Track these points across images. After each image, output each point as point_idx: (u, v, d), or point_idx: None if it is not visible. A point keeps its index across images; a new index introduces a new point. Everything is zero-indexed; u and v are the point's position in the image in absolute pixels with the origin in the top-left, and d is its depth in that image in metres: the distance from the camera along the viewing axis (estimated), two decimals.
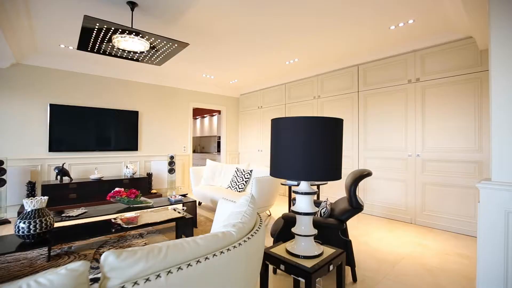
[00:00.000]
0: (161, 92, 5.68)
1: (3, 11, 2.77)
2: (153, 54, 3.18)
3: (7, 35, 3.20)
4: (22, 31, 3.32)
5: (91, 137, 4.76)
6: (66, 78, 4.59)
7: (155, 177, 5.38)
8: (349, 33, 3.40)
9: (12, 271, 2.33)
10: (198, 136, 9.60)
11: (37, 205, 2.01)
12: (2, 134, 4.07)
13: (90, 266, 0.74)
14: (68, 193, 4.15)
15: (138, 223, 2.59)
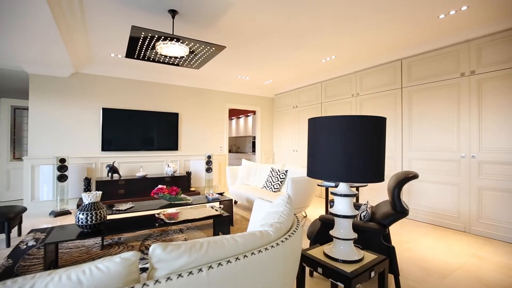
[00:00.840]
0: (199, 94, 5.93)
1: (67, 29, 3.13)
2: (192, 58, 3.33)
3: (69, 49, 3.61)
4: (80, 44, 3.71)
5: (137, 138, 5.16)
6: (116, 84, 5.04)
7: (193, 176, 5.63)
8: (392, 25, 3.19)
9: (73, 256, 2.62)
10: (233, 136, 9.82)
11: (93, 199, 2.24)
12: (63, 136, 4.60)
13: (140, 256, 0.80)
14: (117, 188, 4.54)
15: (178, 219, 2.73)
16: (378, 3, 2.70)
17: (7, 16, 2.63)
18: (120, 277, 0.75)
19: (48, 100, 4.50)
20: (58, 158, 4.16)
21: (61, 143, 4.58)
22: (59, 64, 4.26)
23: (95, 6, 2.75)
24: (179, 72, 5.25)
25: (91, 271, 0.71)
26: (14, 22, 2.77)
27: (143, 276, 0.89)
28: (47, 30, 2.95)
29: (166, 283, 0.78)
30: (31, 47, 3.51)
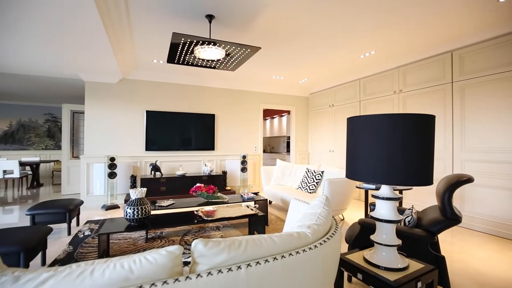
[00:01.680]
0: (234, 95, 6.06)
1: (116, 40, 3.43)
2: (228, 61, 3.41)
3: (117, 57, 3.95)
4: (127, 53, 4.04)
5: (177, 138, 5.45)
6: (158, 88, 5.38)
7: (229, 175, 5.77)
8: (442, 13, 2.93)
9: (122, 247, 2.86)
10: (267, 137, 9.85)
11: (139, 195, 2.42)
12: (113, 136, 5.04)
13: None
14: (159, 186, 4.84)
15: (215, 217, 2.82)
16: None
17: (67, 33, 2.97)
18: (165, 269, 0.80)
19: (100, 104, 4.97)
20: (109, 157, 4.57)
21: (111, 143, 5.03)
22: (109, 72, 4.68)
23: (141, 16, 2.97)
24: (215, 75, 5.42)
25: (140, 261, 0.77)
26: (72, 37, 3.11)
27: (185, 270, 0.94)
28: (100, 42, 3.27)
29: (207, 277, 0.82)
30: (86, 58, 3.91)
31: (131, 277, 0.74)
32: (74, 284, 0.70)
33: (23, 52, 3.67)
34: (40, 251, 2.36)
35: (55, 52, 3.69)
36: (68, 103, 6.81)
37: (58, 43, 3.36)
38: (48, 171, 8.53)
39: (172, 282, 0.76)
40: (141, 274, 0.76)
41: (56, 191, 6.38)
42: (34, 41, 3.29)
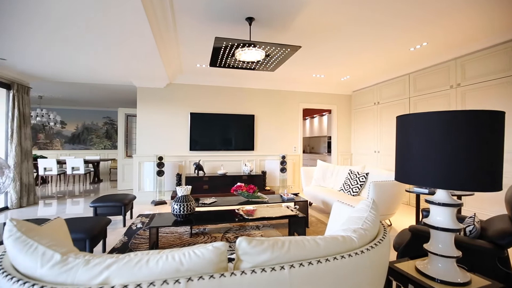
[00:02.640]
0: (273, 95, 6.07)
1: (164, 47, 3.69)
2: (268, 61, 3.43)
3: (165, 63, 4.24)
4: (173, 58, 4.31)
5: (218, 139, 5.65)
6: (201, 90, 5.64)
7: (268, 175, 5.79)
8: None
9: (169, 240, 3.06)
10: (307, 137, 9.66)
11: (185, 192, 2.57)
12: (161, 137, 5.43)
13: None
14: (202, 184, 5.08)
15: (255, 216, 2.86)
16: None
17: (123, 46, 3.29)
18: (212, 263, 0.83)
19: (150, 108, 5.40)
20: (157, 156, 4.94)
21: (159, 144, 5.42)
22: (158, 77, 5.06)
23: (186, 24, 3.15)
24: (254, 76, 5.49)
25: (189, 254, 0.81)
26: (127, 49, 3.43)
27: (230, 266, 0.97)
28: (150, 52, 3.55)
29: (251, 275, 0.83)
30: (138, 66, 4.28)
31: (181, 268, 0.79)
32: (133, 270, 0.77)
33: (88, 63, 4.16)
34: (101, 239, 2.65)
35: (113, 63, 4.10)
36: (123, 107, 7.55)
37: (115, 55, 3.74)
38: (106, 168, 9.53)
39: (218, 276, 0.79)
40: (190, 267, 0.80)
41: (113, 186, 7.10)
42: (95, 54, 3.70)
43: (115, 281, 0.75)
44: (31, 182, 5.03)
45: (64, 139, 9.31)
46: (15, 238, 0.86)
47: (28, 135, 5.00)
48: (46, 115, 7.26)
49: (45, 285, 0.73)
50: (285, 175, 5.51)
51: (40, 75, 4.93)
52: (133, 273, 0.77)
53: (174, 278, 0.77)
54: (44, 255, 0.81)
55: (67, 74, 4.85)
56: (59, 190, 6.54)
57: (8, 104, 4.71)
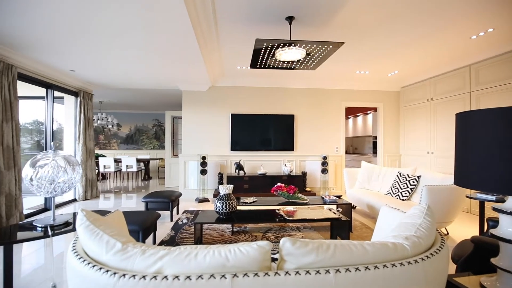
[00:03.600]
0: (313, 94, 5.93)
1: (206, 52, 3.87)
2: (309, 60, 3.36)
3: (208, 68, 4.44)
4: (215, 62, 4.49)
5: (257, 139, 5.72)
6: (241, 92, 5.77)
7: (309, 176, 5.68)
8: None
9: (212, 236, 3.19)
10: (350, 137, 9.24)
11: (227, 190, 2.65)
12: (204, 138, 5.69)
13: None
14: (242, 183, 5.18)
15: (296, 217, 2.82)
16: None
17: (171, 54, 3.52)
18: (256, 262, 0.84)
19: (194, 110, 5.69)
20: (201, 156, 5.18)
21: (202, 144, 5.69)
22: (201, 81, 5.31)
23: (227, 28, 3.25)
24: (294, 75, 5.43)
25: (235, 251, 0.84)
26: (174, 56, 3.67)
27: (273, 265, 0.97)
28: (195, 57, 3.75)
29: (295, 276, 0.82)
30: (183, 71, 4.55)
31: (227, 264, 0.82)
32: (183, 263, 0.82)
33: (140, 71, 4.55)
34: (152, 232, 2.87)
35: (161, 69, 4.43)
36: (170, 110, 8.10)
37: (164, 63, 4.03)
38: (155, 166, 10.30)
39: (263, 275, 0.80)
40: (235, 263, 0.83)
41: (160, 183, 7.65)
42: (147, 63, 4.03)
43: (168, 271, 0.81)
44: (93, 178, 5.67)
45: (120, 140, 10.31)
46: (85, 226, 0.98)
47: (92, 136, 5.66)
48: (105, 118, 8.13)
49: (109, 269, 0.81)
50: (326, 176, 5.34)
51: (101, 83, 5.54)
52: (183, 265, 0.82)
53: (221, 273, 0.80)
54: (108, 243, 0.91)
55: (122, 82, 5.38)
56: (115, 186, 7.27)
57: (76, 109, 5.39)
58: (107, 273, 0.80)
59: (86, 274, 0.84)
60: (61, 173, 1.41)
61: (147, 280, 0.77)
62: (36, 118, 7.06)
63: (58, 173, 1.41)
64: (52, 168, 1.40)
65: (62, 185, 1.42)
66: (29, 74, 4.10)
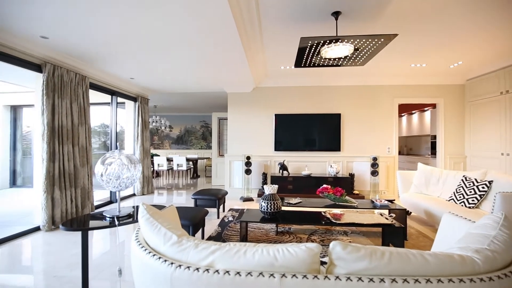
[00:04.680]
0: (362, 92, 5.61)
1: (251, 55, 3.94)
2: (357, 56, 3.19)
3: (252, 70, 4.52)
4: (259, 64, 4.54)
5: (301, 139, 5.62)
6: (285, 92, 5.75)
7: (356, 178, 5.38)
8: None
9: (256, 235, 3.24)
10: (404, 136, 8.50)
11: (272, 190, 2.67)
12: (248, 138, 5.81)
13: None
14: (286, 184, 5.15)
15: (343, 220, 2.70)
16: None
17: (216, 57, 3.68)
18: (305, 263, 0.83)
19: (238, 111, 5.85)
20: (245, 156, 5.30)
21: (247, 144, 5.81)
22: (245, 83, 5.43)
23: (271, 29, 3.26)
24: (340, 73, 5.21)
25: (283, 251, 0.84)
26: (220, 60, 3.82)
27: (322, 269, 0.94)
28: (240, 61, 3.85)
29: (346, 282, 0.79)
30: (229, 75, 4.71)
31: (276, 264, 0.82)
32: (233, 259, 0.85)
33: (189, 76, 4.85)
34: (201, 228, 3.03)
35: (208, 73, 4.65)
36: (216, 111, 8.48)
37: (211, 67, 4.23)
38: (203, 166, 10.85)
39: (312, 278, 0.79)
40: (284, 263, 0.83)
41: (207, 182, 8.03)
42: (195, 67, 4.28)
43: (219, 266, 0.84)
44: (149, 175, 6.22)
45: (171, 141, 11.13)
46: (145, 219, 1.08)
47: (147, 137, 6.21)
48: (159, 121, 8.84)
49: (167, 259, 0.88)
50: (377, 178, 5.00)
51: (156, 89, 6.05)
52: (233, 261, 0.85)
53: (269, 272, 0.80)
54: (166, 235, 0.98)
55: (174, 87, 5.80)
56: (167, 183, 7.86)
57: (134, 113, 5.98)
58: (165, 262, 0.87)
59: (147, 262, 0.93)
60: (125, 170, 1.59)
61: (200, 272, 0.82)
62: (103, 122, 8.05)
63: (122, 170, 1.58)
64: (118, 165, 1.58)
65: (126, 181, 1.60)
66: (97, 83, 4.68)
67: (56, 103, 3.62)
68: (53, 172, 3.57)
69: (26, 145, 7.33)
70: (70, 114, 3.86)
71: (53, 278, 2.26)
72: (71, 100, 3.86)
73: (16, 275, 2.38)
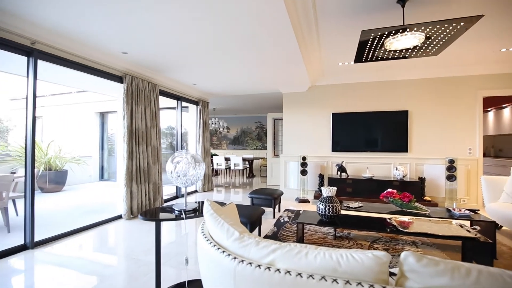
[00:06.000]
0: (435, 85, 4.95)
1: (307, 54, 3.87)
2: (429, 45, 2.83)
3: (308, 69, 4.43)
4: (314, 62, 4.42)
5: (362, 139, 5.26)
6: (342, 89, 5.47)
7: (428, 183, 4.78)
8: None
9: (313, 238, 3.16)
10: (490, 135, 7.21)
11: (330, 193, 2.56)
12: (303, 138, 5.70)
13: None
14: (345, 186, 4.89)
15: (412, 230, 2.42)
16: None
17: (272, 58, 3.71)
18: (371, 272, 0.77)
19: (294, 111, 5.79)
20: (301, 156, 5.22)
21: (302, 144, 5.71)
22: (301, 83, 5.35)
23: (328, 25, 3.14)
24: (406, 65, 4.70)
25: (347, 257, 0.79)
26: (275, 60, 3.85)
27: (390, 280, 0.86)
28: (295, 61, 3.81)
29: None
30: (284, 75, 4.70)
31: (339, 269, 0.79)
32: (294, 259, 0.84)
33: (245, 78, 5.01)
34: (257, 226, 3.10)
35: (264, 75, 4.73)
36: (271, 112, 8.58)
37: (266, 68, 4.29)
38: (258, 165, 11.09)
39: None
40: (347, 269, 0.78)
41: (262, 181, 8.17)
42: (251, 70, 4.40)
43: (280, 265, 0.85)
44: (209, 173, 6.65)
45: (228, 141, 11.68)
46: (210, 214, 1.15)
47: (208, 138, 6.64)
48: (217, 122, 9.37)
49: (230, 254, 0.93)
50: (454, 184, 4.35)
51: (215, 92, 6.43)
52: (293, 261, 0.84)
53: (332, 277, 0.77)
54: (228, 231, 1.03)
55: (232, 89, 6.07)
56: (225, 181, 8.27)
57: (196, 116, 6.47)
58: (229, 256, 0.92)
59: (212, 254, 0.99)
60: (191, 168, 1.73)
61: (262, 269, 0.84)
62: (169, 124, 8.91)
63: (189, 168, 1.73)
64: (185, 164, 1.73)
65: (191, 178, 1.74)
66: (165, 90, 5.21)
67: (133, 109, 4.16)
68: (132, 168, 4.11)
69: (110, 145, 8.62)
70: (144, 118, 4.38)
71: (132, 260, 2.60)
72: (144, 105, 4.39)
73: (105, 254, 2.82)
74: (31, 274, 2.41)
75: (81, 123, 8.45)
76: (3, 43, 2.69)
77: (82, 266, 2.53)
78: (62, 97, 8.15)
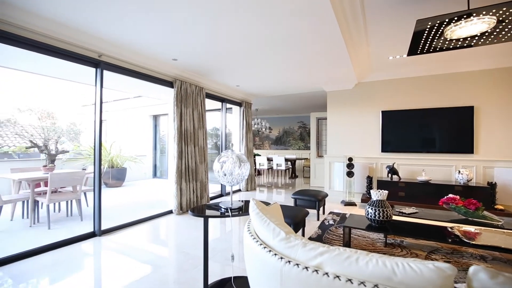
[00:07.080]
0: (508, 76, 4.28)
1: (354, 51, 3.68)
2: (502, 29, 2.46)
3: (354, 65, 4.21)
4: (361, 57, 4.18)
5: (416, 139, 4.81)
6: (393, 85, 5.07)
7: (500, 189, 4.15)
8: None
9: (361, 243, 2.99)
10: None
11: (380, 196, 2.40)
12: (349, 138, 5.43)
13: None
14: (397, 190, 4.52)
15: (479, 242, 2.13)
16: None
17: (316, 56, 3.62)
18: (432, 285, 0.70)
19: (339, 110, 5.56)
20: (347, 157, 4.98)
21: (348, 144, 5.45)
22: (346, 80, 5.11)
23: (376, 15, 2.94)
24: (468, 55, 4.15)
25: (404, 266, 0.73)
26: (319, 58, 3.74)
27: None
28: (341, 59, 3.66)
29: None
30: (329, 73, 4.55)
31: (394, 278, 0.73)
32: (343, 264, 0.81)
33: (288, 78, 4.97)
34: (301, 228, 3.05)
35: (307, 73, 4.63)
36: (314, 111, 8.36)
37: (310, 66, 4.20)
38: (301, 166, 10.90)
39: None
40: (404, 280, 0.72)
41: (305, 182, 8.01)
42: (294, 68, 4.34)
43: (328, 269, 0.82)
44: (252, 173, 6.75)
45: (271, 141, 11.72)
46: (256, 213, 1.17)
47: (251, 138, 6.76)
48: (260, 123, 9.47)
49: (277, 253, 0.93)
50: None
51: (258, 93, 6.52)
52: (343, 266, 0.81)
53: (386, 286, 0.72)
54: (274, 230, 1.04)
55: (274, 90, 6.08)
56: (268, 181, 8.31)
57: (240, 117, 6.63)
58: (275, 256, 0.92)
59: (258, 253, 1.00)
60: (236, 168, 1.78)
61: (309, 272, 0.82)
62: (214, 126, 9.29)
63: (234, 168, 1.78)
64: (231, 163, 1.79)
65: (237, 177, 1.79)
66: (210, 93, 5.45)
67: (182, 112, 4.44)
68: (181, 167, 4.39)
69: (162, 145, 9.35)
70: (192, 120, 4.65)
71: (182, 254, 2.78)
72: (192, 108, 4.66)
73: (158, 246, 3.06)
74: (98, 258, 2.75)
75: (137, 125, 9.32)
76: (76, 57, 3.11)
77: (139, 255, 2.78)
78: (121, 102, 9.10)
